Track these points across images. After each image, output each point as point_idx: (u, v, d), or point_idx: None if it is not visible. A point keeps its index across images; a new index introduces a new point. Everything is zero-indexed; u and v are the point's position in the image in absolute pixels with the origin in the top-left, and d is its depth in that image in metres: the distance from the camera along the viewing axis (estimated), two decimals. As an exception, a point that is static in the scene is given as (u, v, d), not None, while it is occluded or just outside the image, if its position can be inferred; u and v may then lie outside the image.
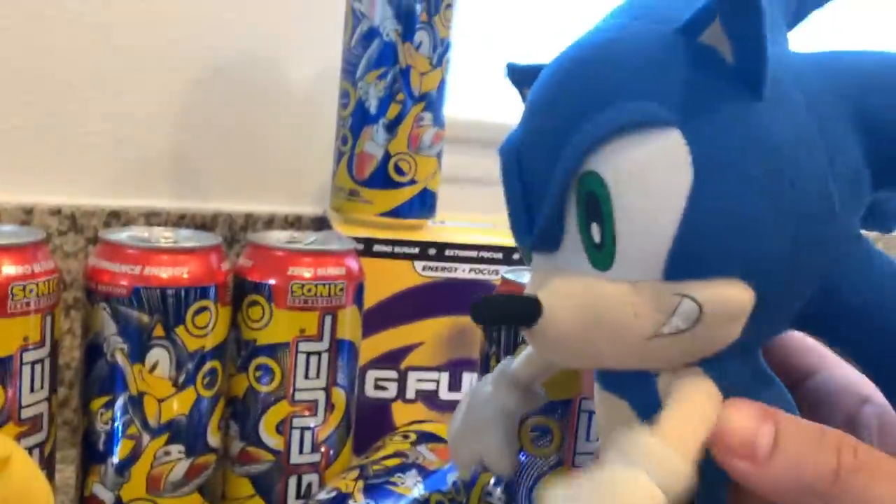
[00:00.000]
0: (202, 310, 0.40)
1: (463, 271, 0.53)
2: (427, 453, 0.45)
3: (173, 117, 0.60)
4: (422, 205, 0.56)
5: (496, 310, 0.25)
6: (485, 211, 0.72)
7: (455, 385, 0.54)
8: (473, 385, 0.32)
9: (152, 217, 0.59)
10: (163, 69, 0.60)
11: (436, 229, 0.58)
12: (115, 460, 0.40)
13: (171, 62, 0.60)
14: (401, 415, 0.53)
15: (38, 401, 0.38)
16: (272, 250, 0.43)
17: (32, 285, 0.37)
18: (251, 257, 0.44)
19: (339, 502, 0.39)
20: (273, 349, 0.43)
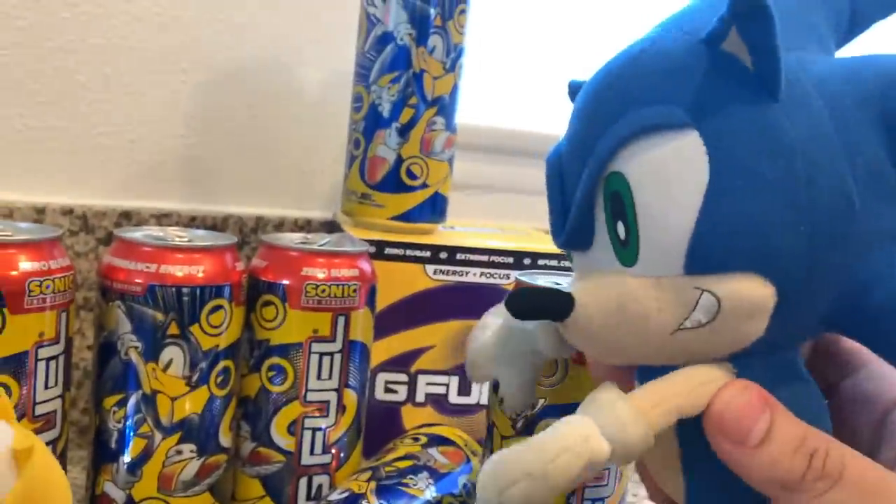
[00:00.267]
0: (217, 308, 0.40)
1: (474, 275, 0.53)
2: (438, 456, 0.45)
3: (185, 119, 0.61)
4: (433, 209, 0.56)
5: (532, 303, 0.26)
6: (493, 217, 0.73)
7: (464, 389, 0.54)
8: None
9: (163, 218, 0.59)
10: (175, 71, 0.60)
11: (446, 234, 0.58)
12: (126, 459, 0.40)
13: (183, 64, 0.60)
14: (410, 418, 0.53)
15: (52, 398, 0.38)
16: (286, 251, 0.43)
17: (49, 281, 0.37)
18: (265, 257, 0.44)
19: (352, 503, 0.39)
20: (286, 349, 0.43)
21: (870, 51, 0.25)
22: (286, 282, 0.42)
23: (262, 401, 0.43)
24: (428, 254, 0.53)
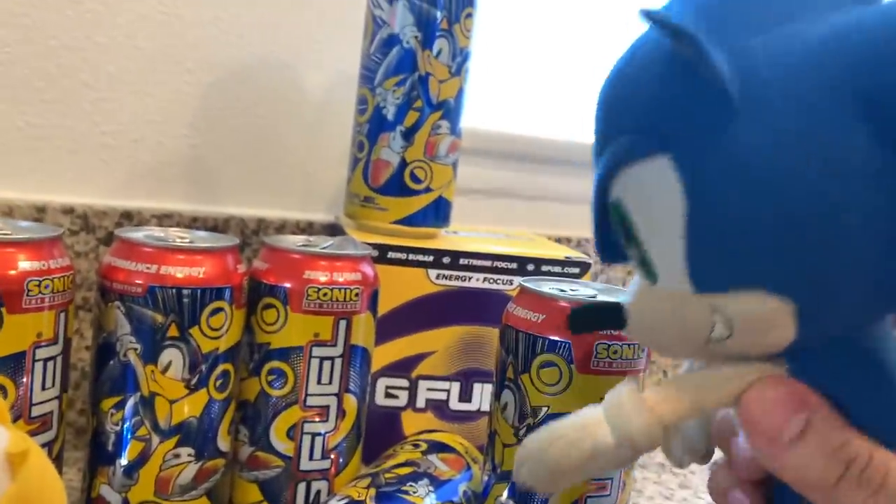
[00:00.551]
0: (217, 311, 0.40)
1: (477, 280, 0.53)
2: (438, 463, 0.44)
3: (188, 119, 0.60)
4: (436, 213, 0.56)
5: (591, 319, 0.29)
6: (497, 222, 0.72)
7: (465, 395, 0.54)
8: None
9: (165, 219, 0.58)
10: (179, 71, 0.59)
11: (449, 238, 0.57)
12: (123, 462, 0.40)
13: (187, 64, 0.60)
14: (410, 424, 0.53)
15: (49, 399, 0.38)
16: (288, 253, 0.43)
17: (48, 281, 0.36)
18: (267, 260, 0.43)
19: (351, 510, 0.39)
20: (286, 353, 0.42)
21: None
22: (287, 285, 0.42)
23: (262, 405, 0.43)
24: (431, 258, 0.52)
